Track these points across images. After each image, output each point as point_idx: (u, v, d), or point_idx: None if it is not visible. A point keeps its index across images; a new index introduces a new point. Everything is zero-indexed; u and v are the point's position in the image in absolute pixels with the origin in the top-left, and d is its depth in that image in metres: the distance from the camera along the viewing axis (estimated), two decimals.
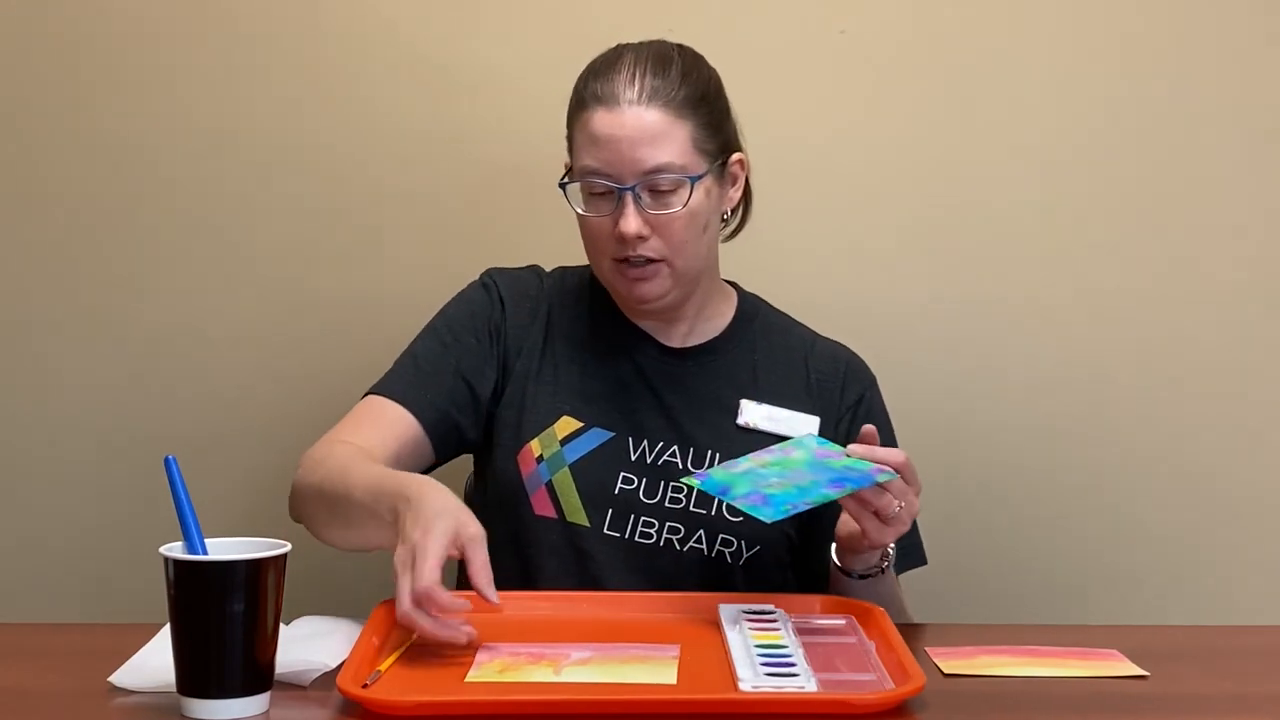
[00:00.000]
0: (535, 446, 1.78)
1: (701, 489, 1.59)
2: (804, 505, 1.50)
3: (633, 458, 1.78)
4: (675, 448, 1.79)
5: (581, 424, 1.79)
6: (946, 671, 1.43)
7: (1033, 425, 2.22)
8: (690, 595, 1.62)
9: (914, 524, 1.76)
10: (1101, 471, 2.22)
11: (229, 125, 2.20)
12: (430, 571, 1.40)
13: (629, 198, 1.72)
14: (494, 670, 1.37)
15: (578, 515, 1.76)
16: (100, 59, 2.19)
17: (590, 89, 1.75)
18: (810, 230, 2.21)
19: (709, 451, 1.79)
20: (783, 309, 1.92)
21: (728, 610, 1.52)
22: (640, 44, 1.79)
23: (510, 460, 1.79)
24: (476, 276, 1.93)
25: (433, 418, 1.77)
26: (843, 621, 1.55)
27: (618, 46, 1.79)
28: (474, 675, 1.36)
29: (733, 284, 1.92)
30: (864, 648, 1.46)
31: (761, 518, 1.49)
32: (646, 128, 1.72)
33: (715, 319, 1.87)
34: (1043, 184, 2.21)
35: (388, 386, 1.79)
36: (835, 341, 1.91)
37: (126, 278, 2.21)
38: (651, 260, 1.75)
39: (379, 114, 2.19)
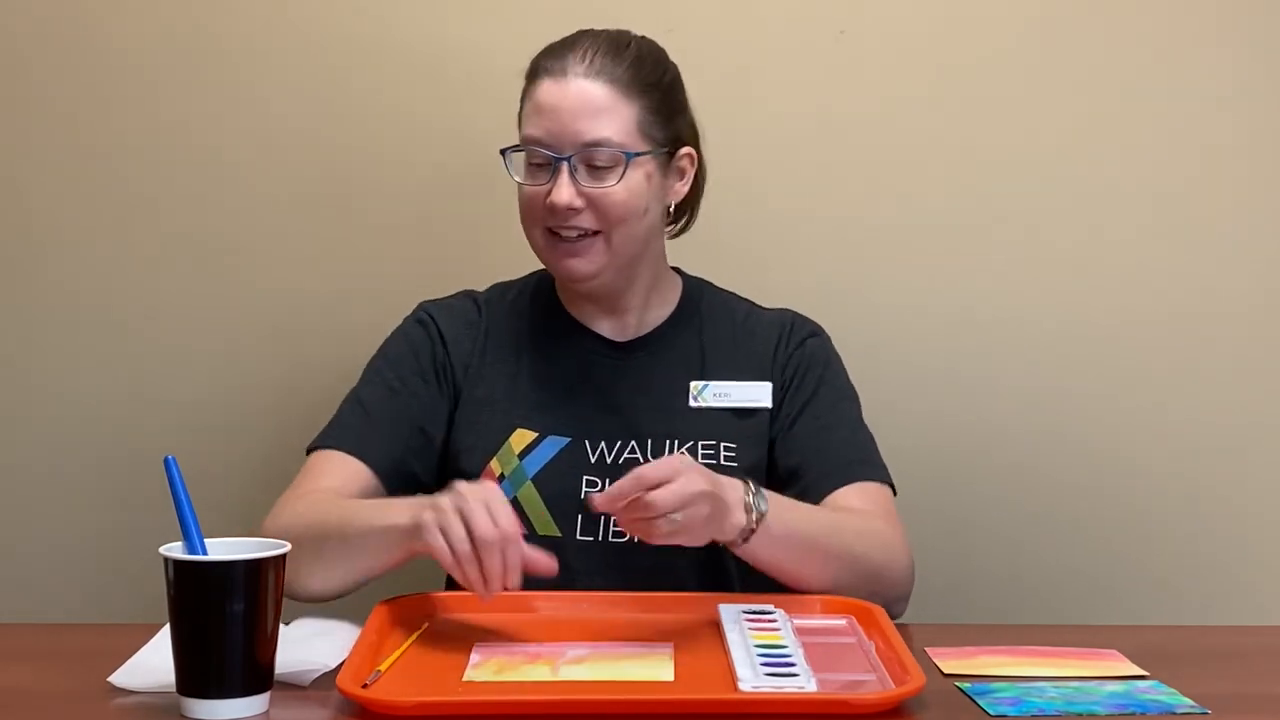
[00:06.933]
0: (495, 466, 1.77)
1: None
2: None
3: (592, 460, 1.77)
4: (633, 443, 1.78)
5: (536, 434, 1.77)
6: (946, 671, 1.43)
7: (1032, 425, 2.22)
8: (689, 595, 1.62)
9: (861, 440, 1.80)
10: (1101, 472, 2.22)
11: (226, 128, 2.19)
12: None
13: (564, 168, 1.71)
14: (491, 670, 1.37)
15: (548, 528, 1.74)
16: (97, 66, 2.18)
17: (543, 62, 1.76)
18: (809, 230, 2.21)
19: (667, 442, 1.78)
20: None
21: (727, 610, 1.52)
22: (602, 29, 1.79)
23: None
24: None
25: (387, 467, 1.75)
26: (843, 621, 1.55)
27: (579, 30, 1.79)
28: (470, 675, 1.36)
29: (678, 270, 1.91)
30: (864, 648, 1.46)
31: None
32: (590, 100, 1.72)
33: (661, 307, 1.86)
34: (1043, 184, 2.21)
35: (339, 438, 1.76)
36: (783, 309, 1.90)
37: (125, 279, 2.21)
38: (584, 235, 1.74)
39: (372, 113, 2.19)
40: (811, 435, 1.80)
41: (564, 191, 1.71)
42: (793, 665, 1.35)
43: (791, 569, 1.61)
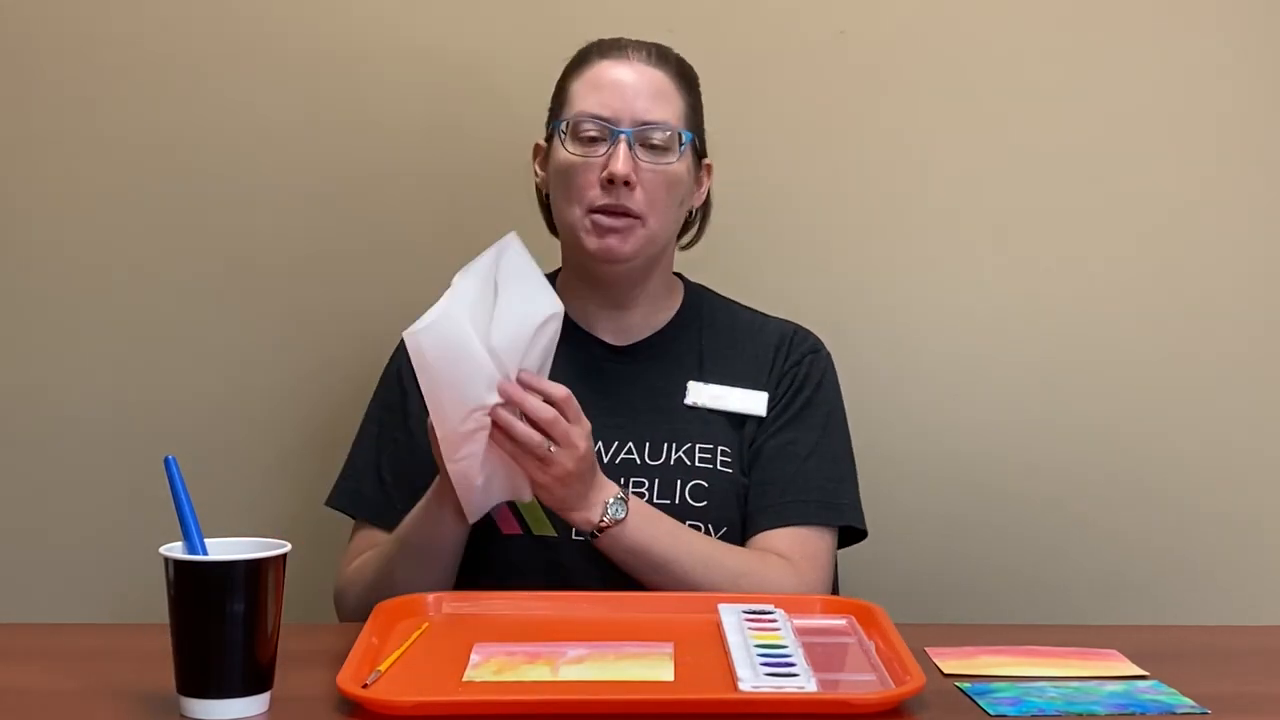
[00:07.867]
0: None
1: None
2: None
3: None
4: (630, 444, 1.78)
5: None
6: (946, 671, 1.43)
7: (1033, 424, 2.22)
8: (689, 595, 1.62)
9: (825, 475, 1.78)
10: (1101, 472, 2.22)
11: (230, 127, 2.19)
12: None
13: (623, 139, 1.73)
14: (490, 670, 1.38)
15: (544, 527, 1.74)
16: (101, 63, 2.19)
17: (597, 48, 1.80)
18: (809, 230, 2.21)
19: (665, 444, 1.78)
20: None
21: (727, 610, 1.52)
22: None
23: None
24: None
25: (393, 520, 1.79)
26: (843, 621, 1.55)
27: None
28: (470, 676, 1.36)
29: (679, 276, 1.92)
30: (864, 648, 1.46)
31: None
32: (652, 81, 1.77)
33: (663, 311, 1.87)
34: (1042, 184, 2.21)
35: (356, 506, 1.85)
36: (786, 320, 1.90)
37: (125, 279, 2.21)
38: (628, 215, 1.74)
39: (380, 116, 2.19)
40: (776, 460, 1.79)
41: (622, 162, 1.72)
42: (793, 665, 1.35)
43: (640, 579, 1.67)
